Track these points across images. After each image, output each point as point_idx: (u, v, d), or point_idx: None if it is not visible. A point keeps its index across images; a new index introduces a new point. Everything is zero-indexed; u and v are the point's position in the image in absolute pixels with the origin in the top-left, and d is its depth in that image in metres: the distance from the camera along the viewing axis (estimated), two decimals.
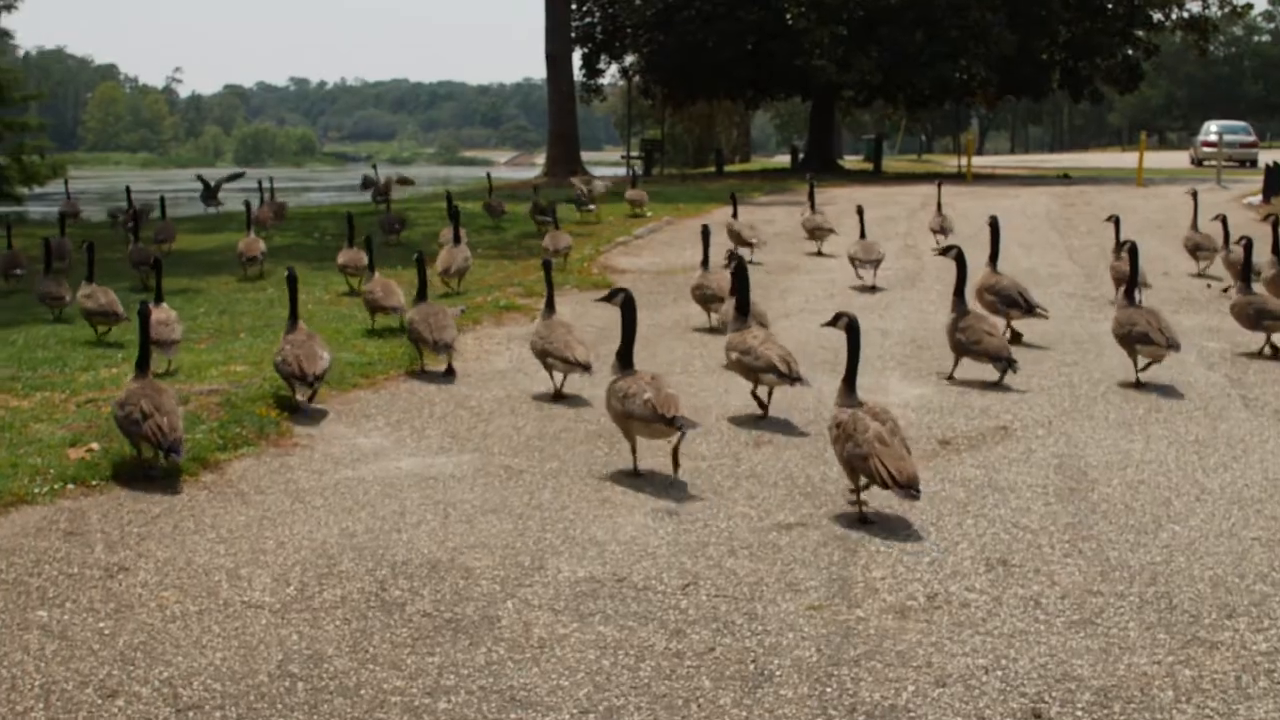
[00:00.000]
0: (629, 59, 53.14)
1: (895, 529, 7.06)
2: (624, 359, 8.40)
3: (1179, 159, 64.24)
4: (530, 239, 22.62)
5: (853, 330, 7.85)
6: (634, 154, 56.98)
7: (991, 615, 5.88)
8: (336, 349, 12.11)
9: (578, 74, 51.36)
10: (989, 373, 10.82)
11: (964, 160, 47.67)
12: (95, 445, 8.62)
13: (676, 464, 8.08)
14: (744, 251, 17.77)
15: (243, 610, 6.00)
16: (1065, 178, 44.09)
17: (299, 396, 9.99)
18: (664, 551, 6.70)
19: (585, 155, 50.51)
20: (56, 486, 7.85)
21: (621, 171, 55.67)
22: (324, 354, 9.99)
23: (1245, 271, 12.51)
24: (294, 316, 10.39)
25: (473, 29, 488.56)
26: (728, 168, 60.71)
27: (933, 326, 13.59)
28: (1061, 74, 50.22)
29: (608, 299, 8.98)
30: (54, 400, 10.17)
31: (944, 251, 11.53)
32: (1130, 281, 11.40)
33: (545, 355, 10.34)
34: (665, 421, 7.77)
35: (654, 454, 8.48)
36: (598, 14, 51.15)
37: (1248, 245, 12.89)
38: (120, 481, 8.02)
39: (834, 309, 14.91)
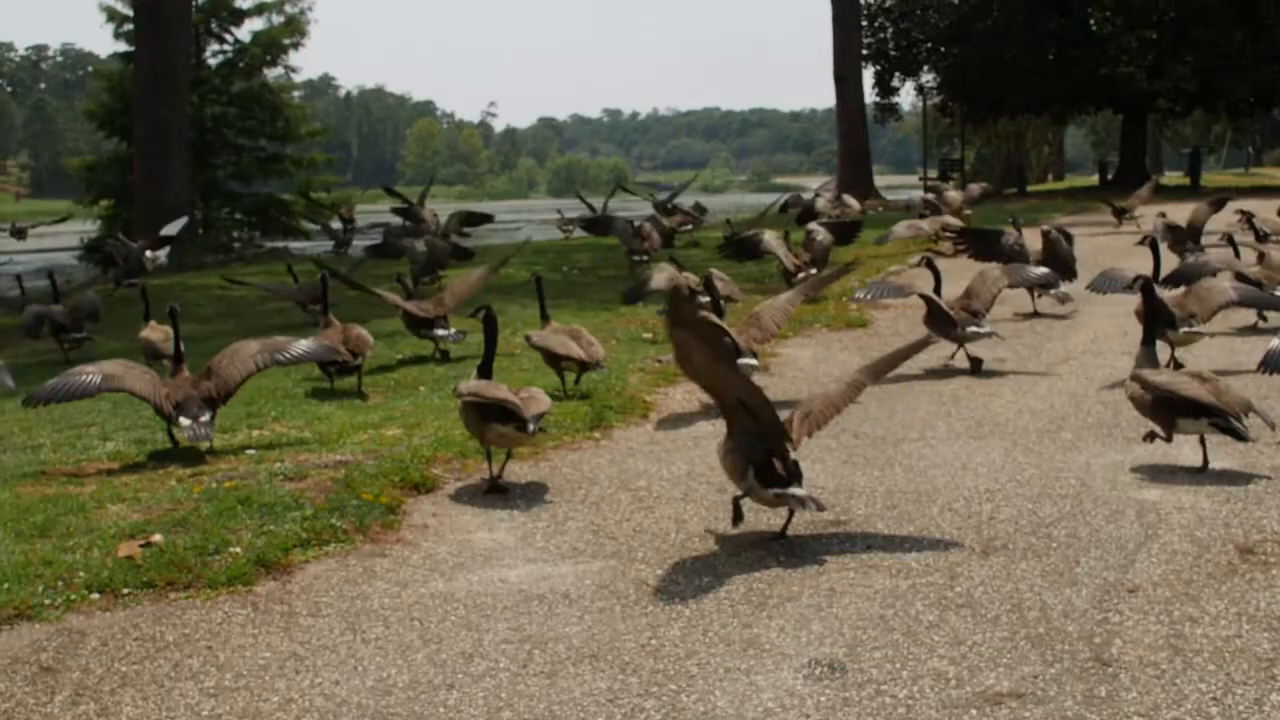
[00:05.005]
0: (924, 76, 50.36)
1: (1150, 689, 4.75)
2: (484, 372, 8.55)
3: None
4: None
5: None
6: (932, 175, 54.14)
7: None
8: None
9: (870, 94, 48.95)
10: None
11: None
12: (157, 537, 7.02)
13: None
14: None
15: None
16: None
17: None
18: None
19: (895, 179, 48.34)
20: (74, 597, 6.26)
21: (919, 194, 53.07)
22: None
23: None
24: (178, 360, 9.68)
25: (784, 55, 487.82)
26: (1035, 187, 57.22)
27: (1228, 367, 10.99)
28: None
29: (473, 314, 9.14)
30: (161, 471, 8.67)
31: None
32: None
33: (548, 354, 10.78)
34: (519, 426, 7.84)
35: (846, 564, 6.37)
36: (890, 30, 48.55)
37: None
38: (155, 591, 6.38)
39: (1124, 350, 12.47)
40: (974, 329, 11.93)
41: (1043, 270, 14.58)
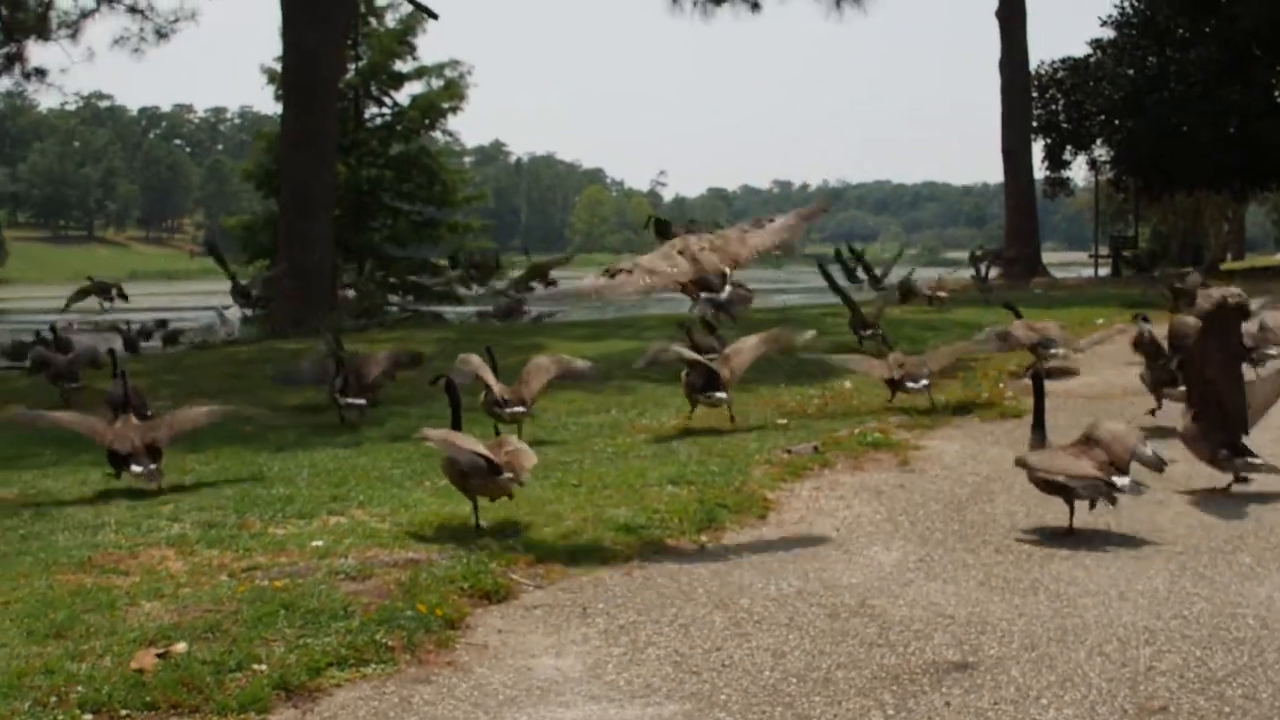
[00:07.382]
0: (1097, 150, 48.45)
1: None
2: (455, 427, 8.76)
3: None
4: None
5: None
6: (1103, 253, 52.19)
7: None
8: (618, 501, 9.29)
9: (1040, 168, 47.27)
10: None
11: None
12: (179, 646, 6.17)
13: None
14: None
15: None
16: None
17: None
18: None
19: (1068, 255, 46.68)
20: (62, 718, 5.43)
21: (1088, 272, 51.13)
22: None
23: None
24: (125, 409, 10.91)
25: (956, 128, 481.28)
26: (1217, 267, 54.82)
27: None
28: None
29: (432, 382, 9.67)
30: (215, 563, 7.84)
31: None
32: None
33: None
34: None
35: None
36: (1061, 101, 46.80)
37: None
38: (157, 715, 5.54)
39: None
40: None
41: None
